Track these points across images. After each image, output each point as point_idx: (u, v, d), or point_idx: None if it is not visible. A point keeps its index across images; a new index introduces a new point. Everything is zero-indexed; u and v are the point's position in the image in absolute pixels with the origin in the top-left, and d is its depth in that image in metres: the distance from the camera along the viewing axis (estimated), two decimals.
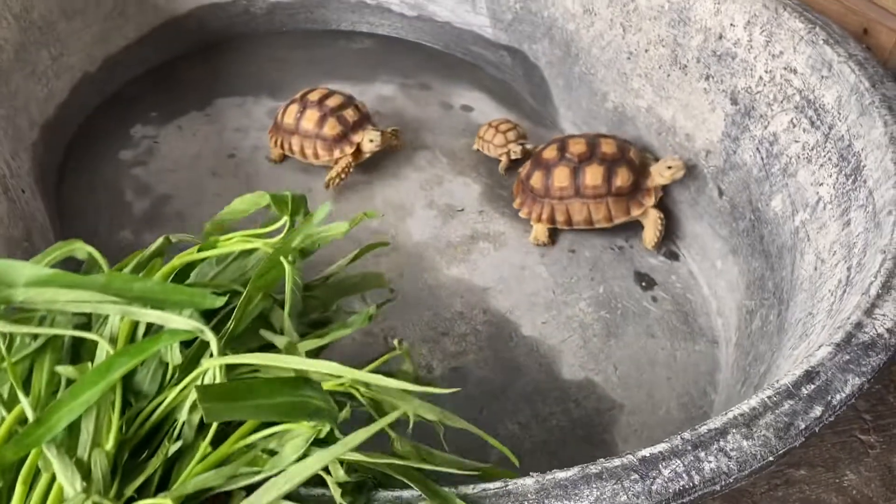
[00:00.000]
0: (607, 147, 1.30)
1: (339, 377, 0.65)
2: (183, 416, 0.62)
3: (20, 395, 0.59)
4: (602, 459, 0.64)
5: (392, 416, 0.64)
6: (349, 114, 1.40)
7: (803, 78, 1.12)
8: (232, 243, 0.78)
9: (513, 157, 1.44)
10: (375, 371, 0.67)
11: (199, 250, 0.78)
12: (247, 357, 0.64)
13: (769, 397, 0.67)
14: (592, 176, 1.27)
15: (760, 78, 1.18)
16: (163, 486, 0.61)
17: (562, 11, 1.55)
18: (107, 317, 0.67)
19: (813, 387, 0.68)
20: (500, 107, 1.63)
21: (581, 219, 1.29)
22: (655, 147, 1.38)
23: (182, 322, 0.63)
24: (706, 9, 1.26)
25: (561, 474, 0.62)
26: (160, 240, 0.82)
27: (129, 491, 0.59)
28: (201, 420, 0.62)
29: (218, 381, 0.63)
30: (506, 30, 1.68)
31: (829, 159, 1.04)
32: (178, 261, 0.76)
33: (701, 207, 1.31)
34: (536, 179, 1.32)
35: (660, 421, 1.10)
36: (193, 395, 0.62)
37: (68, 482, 0.57)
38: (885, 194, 0.90)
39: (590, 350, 1.17)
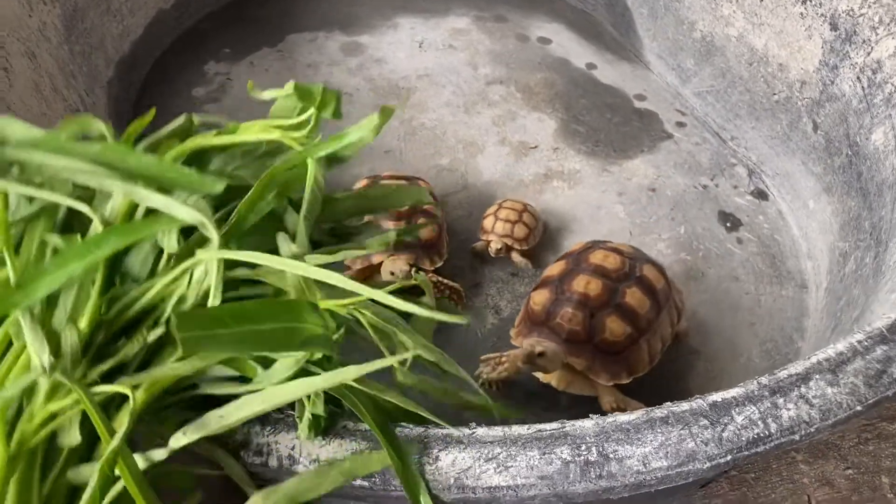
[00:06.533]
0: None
1: (343, 300, 0.59)
2: (170, 306, 0.58)
3: (7, 256, 0.56)
4: (669, 403, 0.59)
5: (390, 360, 0.58)
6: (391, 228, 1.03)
7: None
8: (253, 131, 0.70)
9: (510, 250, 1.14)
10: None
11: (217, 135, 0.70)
12: (244, 255, 0.58)
13: (860, 342, 0.61)
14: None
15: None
16: None
17: None
18: (109, 195, 0.62)
19: None
20: (580, 39, 1.55)
21: None
22: (746, 80, 1.29)
23: (184, 211, 0.57)
24: None
25: (623, 417, 0.58)
26: (181, 118, 0.74)
27: (95, 374, 0.56)
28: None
29: (214, 277, 0.57)
30: None
31: None
32: (192, 143, 0.68)
33: (793, 143, 1.21)
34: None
35: (740, 368, 1.03)
36: (183, 287, 0.59)
37: (37, 354, 0.54)
38: None
39: None
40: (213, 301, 0.57)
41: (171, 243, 0.61)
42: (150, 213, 0.61)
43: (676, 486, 0.56)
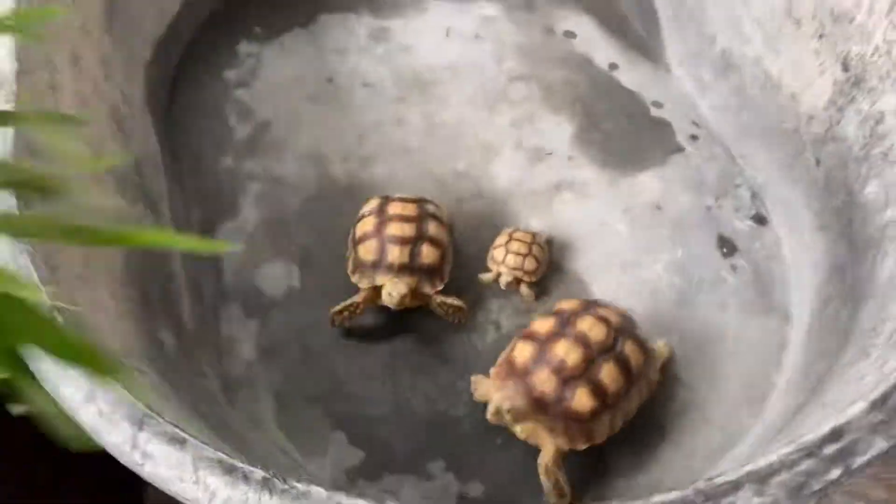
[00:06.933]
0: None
1: None
2: None
3: None
4: (616, 501, 0.68)
5: None
6: (395, 253, 1.12)
7: None
8: None
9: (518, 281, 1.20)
10: None
11: None
12: None
13: (789, 454, 0.69)
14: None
15: (877, 48, 1.10)
16: None
17: None
18: None
19: (836, 447, 0.70)
20: (606, 34, 1.57)
21: None
22: (759, 103, 1.31)
23: None
24: None
25: None
26: None
27: None
28: None
29: None
30: None
31: None
32: None
33: (796, 173, 1.26)
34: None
35: (717, 398, 1.12)
36: None
37: None
38: None
39: (659, 319, 1.18)
40: None
41: None
42: None
43: None
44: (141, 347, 0.99)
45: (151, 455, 0.71)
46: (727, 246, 1.27)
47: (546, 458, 0.96)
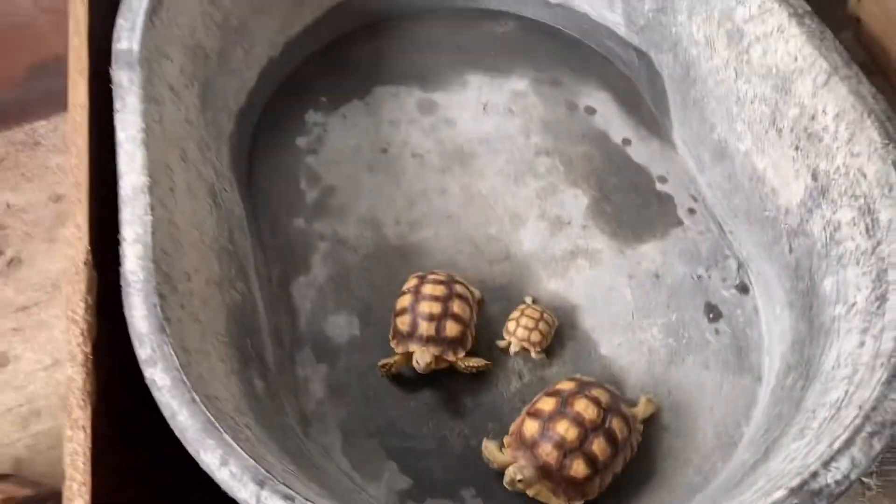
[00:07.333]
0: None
1: None
2: None
3: None
4: None
5: None
6: (424, 327, 1.38)
7: (869, 186, 1.27)
8: None
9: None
10: None
11: None
12: None
13: None
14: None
15: (838, 168, 1.34)
16: None
17: (687, 33, 1.67)
18: None
19: None
20: (622, 110, 1.81)
21: None
22: (747, 190, 1.56)
23: None
24: (806, 88, 1.39)
25: None
26: None
27: None
28: None
29: None
30: (637, 33, 1.82)
31: (869, 272, 1.23)
32: None
33: (774, 254, 1.50)
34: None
35: (696, 445, 1.39)
36: None
37: None
38: (889, 340, 1.11)
39: (652, 374, 1.45)
40: None
41: None
42: None
43: None
44: (244, 399, 1.27)
45: None
46: (713, 312, 1.53)
47: None
